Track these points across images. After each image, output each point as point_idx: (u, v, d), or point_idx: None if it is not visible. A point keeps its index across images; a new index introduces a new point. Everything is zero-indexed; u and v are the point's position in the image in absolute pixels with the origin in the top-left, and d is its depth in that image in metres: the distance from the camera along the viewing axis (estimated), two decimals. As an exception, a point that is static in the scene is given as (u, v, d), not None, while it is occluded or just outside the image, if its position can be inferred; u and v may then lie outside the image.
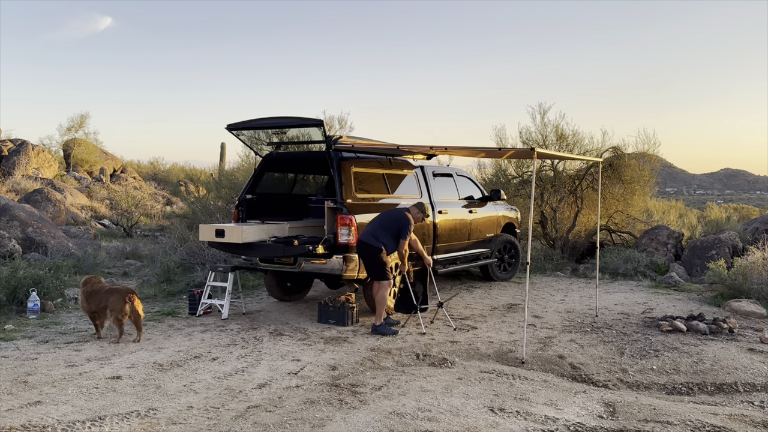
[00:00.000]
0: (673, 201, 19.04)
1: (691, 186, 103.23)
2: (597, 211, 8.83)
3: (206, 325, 6.85)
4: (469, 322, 7.15)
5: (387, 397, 4.50)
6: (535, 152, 5.93)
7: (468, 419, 4.13)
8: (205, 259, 9.95)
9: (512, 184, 13.25)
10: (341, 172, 6.96)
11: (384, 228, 6.62)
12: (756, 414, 4.54)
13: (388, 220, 6.68)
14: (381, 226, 6.63)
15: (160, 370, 5.15)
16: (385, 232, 6.59)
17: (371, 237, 6.58)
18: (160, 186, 25.13)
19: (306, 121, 6.84)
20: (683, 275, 10.47)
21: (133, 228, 15.94)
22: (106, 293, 6.02)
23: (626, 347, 6.14)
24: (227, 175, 14.70)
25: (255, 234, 7.08)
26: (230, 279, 7.22)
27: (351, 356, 5.64)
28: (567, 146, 12.69)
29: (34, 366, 5.21)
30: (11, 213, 11.86)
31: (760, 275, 8.27)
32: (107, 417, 4.08)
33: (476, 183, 9.70)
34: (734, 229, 12.78)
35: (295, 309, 7.81)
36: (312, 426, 3.97)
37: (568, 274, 11.22)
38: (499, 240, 9.81)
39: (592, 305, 8.11)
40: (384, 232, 6.59)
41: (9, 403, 4.30)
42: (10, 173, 18.62)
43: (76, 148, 23.59)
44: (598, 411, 4.40)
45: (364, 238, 6.62)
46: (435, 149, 7.07)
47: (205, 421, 4.06)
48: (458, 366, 5.42)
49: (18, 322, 6.80)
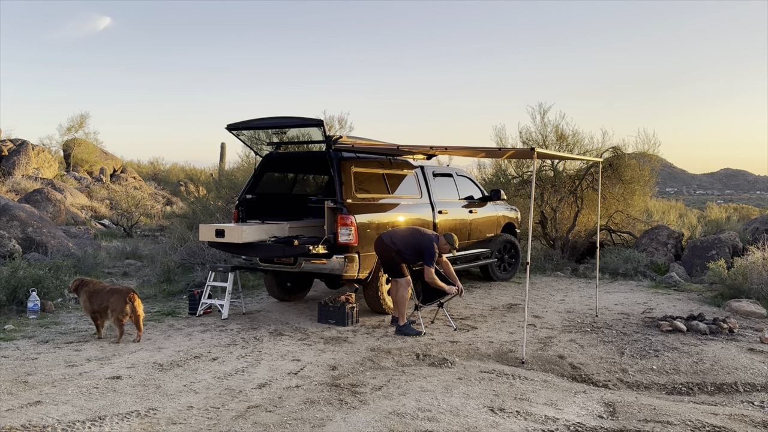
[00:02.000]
0: (673, 201, 19.04)
1: (691, 186, 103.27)
2: (597, 211, 8.83)
3: (206, 325, 6.85)
4: (469, 322, 7.15)
5: (387, 397, 4.50)
6: (535, 152, 5.93)
7: (468, 419, 4.13)
8: (205, 259, 9.95)
9: (512, 184, 13.25)
10: (341, 172, 6.96)
11: (408, 246, 6.56)
12: (756, 414, 4.54)
13: (414, 241, 6.59)
14: (405, 243, 6.56)
15: (160, 370, 5.15)
16: (408, 249, 6.56)
17: (393, 245, 6.54)
18: (160, 186, 25.12)
19: (306, 121, 6.84)
20: (683, 275, 10.47)
21: (133, 228, 15.94)
22: (107, 293, 6.02)
23: (626, 347, 6.14)
24: (227, 175, 14.70)
25: (255, 234, 7.08)
26: (230, 279, 7.22)
27: (351, 356, 5.64)
28: (567, 146, 12.69)
29: (34, 366, 5.21)
30: (11, 213, 11.86)
31: (760, 275, 8.27)
32: (107, 417, 4.08)
33: (476, 183, 9.70)
34: (734, 229, 12.78)
35: (295, 309, 7.81)
36: (312, 426, 3.97)
37: (568, 274, 11.22)
38: (499, 240, 9.81)
39: (592, 305, 8.11)
40: (408, 249, 6.55)
41: (9, 403, 4.30)
42: (10, 173, 18.62)
43: (76, 148, 23.59)
44: (598, 411, 4.40)
45: (388, 242, 6.58)
46: (435, 149, 7.07)
47: (205, 421, 4.06)
48: (458, 366, 5.42)
49: (18, 322, 6.80)
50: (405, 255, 6.55)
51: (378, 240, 6.75)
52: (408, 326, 6.52)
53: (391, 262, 6.61)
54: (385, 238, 6.67)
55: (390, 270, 6.69)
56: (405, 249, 6.56)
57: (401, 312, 6.56)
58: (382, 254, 6.70)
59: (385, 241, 6.64)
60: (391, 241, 6.59)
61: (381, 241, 6.69)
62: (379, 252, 6.72)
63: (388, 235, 6.70)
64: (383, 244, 6.65)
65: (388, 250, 6.58)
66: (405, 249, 6.56)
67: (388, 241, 6.62)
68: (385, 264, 6.73)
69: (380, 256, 6.76)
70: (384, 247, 6.63)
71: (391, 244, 6.57)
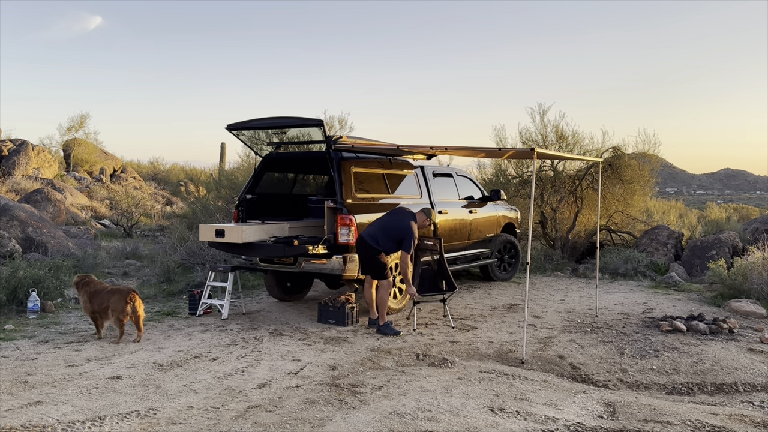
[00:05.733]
0: (673, 201, 19.04)
1: (691, 186, 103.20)
2: (597, 211, 8.83)
3: (206, 325, 6.85)
4: (469, 322, 7.15)
5: (387, 397, 4.50)
6: (535, 152, 5.93)
7: (468, 419, 4.13)
8: (205, 259, 9.95)
9: (512, 184, 13.25)
10: (341, 172, 6.96)
11: (386, 233, 6.57)
12: (756, 414, 4.54)
13: (392, 227, 6.60)
14: (383, 231, 6.58)
15: (160, 370, 5.15)
16: (386, 238, 6.56)
17: (371, 238, 6.57)
18: (160, 186, 25.13)
19: (306, 121, 6.84)
20: (683, 275, 10.47)
21: (133, 228, 15.95)
22: (108, 293, 6.02)
23: (626, 347, 6.14)
24: (227, 175, 14.70)
25: (255, 234, 7.08)
26: (230, 279, 7.22)
27: (351, 356, 5.64)
28: (567, 146, 12.69)
29: (34, 366, 5.21)
30: (11, 213, 11.87)
31: (760, 275, 8.27)
32: (107, 417, 4.08)
33: (476, 183, 9.70)
34: (734, 229, 12.78)
35: (295, 309, 7.81)
36: (312, 426, 3.97)
37: (568, 274, 11.22)
38: (499, 240, 9.82)
39: (592, 305, 8.11)
40: (385, 238, 6.56)
41: (9, 403, 4.30)
42: (10, 173, 18.62)
43: (76, 148, 23.59)
44: (598, 411, 4.40)
45: (365, 237, 6.61)
46: (435, 149, 7.07)
47: (205, 421, 4.06)
48: (458, 366, 5.42)
49: (18, 322, 6.80)
50: (389, 250, 6.57)
51: (360, 241, 6.63)
52: (388, 326, 6.53)
53: (376, 262, 6.56)
54: (369, 240, 6.56)
55: (373, 271, 6.64)
56: (387, 245, 6.54)
57: (382, 313, 6.58)
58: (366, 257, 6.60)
59: (371, 245, 6.54)
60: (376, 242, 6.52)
61: (365, 244, 6.58)
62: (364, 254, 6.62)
63: (368, 235, 6.59)
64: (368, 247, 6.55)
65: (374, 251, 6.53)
66: (387, 245, 6.54)
67: (374, 244, 6.53)
68: (369, 264, 6.64)
69: (365, 258, 6.63)
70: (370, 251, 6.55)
71: (376, 245, 6.52)
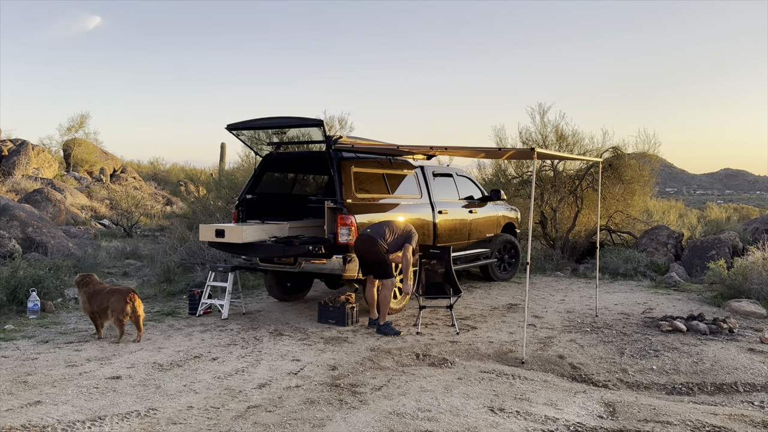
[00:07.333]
0: (673, 201, 19.03)
1: (691, 186, 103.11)
2: (597, 211, 8.83)
3: (206, 325, 6.85)
4: (469, 322, 7.15)
5: (387, 397, 4.50)
6: (535, 152, 5.93)
7: (468, 419, 4.14)
8: (205, 259, 9.95)
9: (512, 184, 13.26)
10: (341, 172, 6.96)
11: (391, 230, 6.62)
12: (756, 414, 4.54)
13: (395, 226, 6.70)
14: (388, 227, 6.64)
15: (160, 370, 5.15)
16: (392, 235, 6.60)
17: (378, 235, 6.56)
18: (160, 186, 25.12)
19: (306, 121, 6.84)
20: (683, 275, 10.47)
21: (133, 228, 15.94)
22: (107, 294, 6.02)
23: (626, 347, 6.14)
24: (227, 175, 14.70)
25: (255, 234, 7.08)
26: (230, 279, 7.22)
27: (351, 356, 5.64)
28: (567, 146, 12.69)
29: (34, 366, 5.21)
30: (11, 213, 11.86)
31: (760, 275, 8.27)
32: (107, 417, 4.08)
33: (476, 183, 9.70)
34: (734, 229, 12.78)
35: (295, 309, 7.81)
36: (312, 426, 3.98)
37: (568, 274, 11.22)
38: (499, 240, 9.82)
39: (592, 305, 8.11)
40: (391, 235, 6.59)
41: (9, 403, 4.30)
42: (10, 173, 18.62)
43: (76, 148, 23.58)
44: (598, 411, 4.40)
45: (372, 233, 6.58)
46: (435, 149, 7.07)
47: (205, 421, 4.06)
48: (458, 366, 5.42)
49: (18, 322, 6.80)
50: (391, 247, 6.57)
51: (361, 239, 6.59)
52: (388, 326, 6.52)
53: (379, 259, 6.53)
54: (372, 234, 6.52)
55: (376, 268, 6.63)
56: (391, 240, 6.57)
57: (383, 313, 6.58)
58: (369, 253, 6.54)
59: (373, 237, 6.50)
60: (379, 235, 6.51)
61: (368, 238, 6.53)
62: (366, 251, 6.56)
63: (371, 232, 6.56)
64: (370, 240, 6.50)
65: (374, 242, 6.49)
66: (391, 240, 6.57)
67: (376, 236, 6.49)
68: (371, 263, 6.61)
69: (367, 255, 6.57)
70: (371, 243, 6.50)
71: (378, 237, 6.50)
